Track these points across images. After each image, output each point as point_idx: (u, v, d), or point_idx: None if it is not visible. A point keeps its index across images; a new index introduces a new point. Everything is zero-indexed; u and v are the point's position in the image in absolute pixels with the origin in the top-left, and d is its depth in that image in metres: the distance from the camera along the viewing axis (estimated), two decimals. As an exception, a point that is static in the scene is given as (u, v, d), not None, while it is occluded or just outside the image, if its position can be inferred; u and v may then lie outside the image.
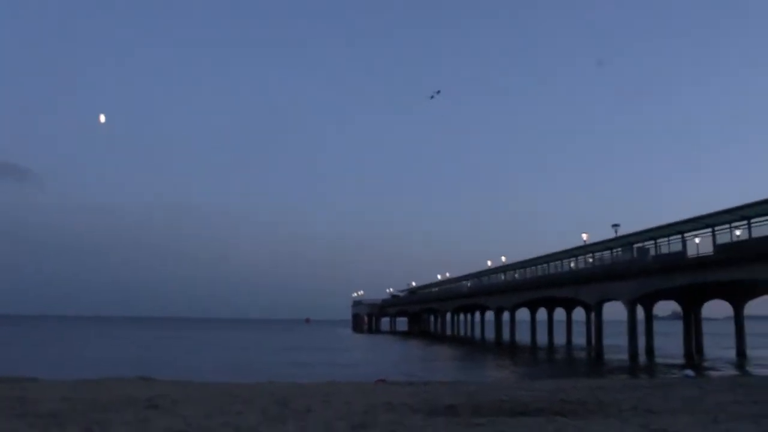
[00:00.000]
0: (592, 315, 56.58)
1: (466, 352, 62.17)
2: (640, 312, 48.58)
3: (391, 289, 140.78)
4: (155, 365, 34.51)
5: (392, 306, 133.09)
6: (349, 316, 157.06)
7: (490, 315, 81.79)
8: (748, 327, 50.52)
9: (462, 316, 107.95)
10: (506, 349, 63.42)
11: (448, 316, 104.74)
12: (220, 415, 11.16)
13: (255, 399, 14.32)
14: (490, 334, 80.00)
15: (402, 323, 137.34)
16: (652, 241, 45.34)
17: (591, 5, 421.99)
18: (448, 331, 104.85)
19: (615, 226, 48.46)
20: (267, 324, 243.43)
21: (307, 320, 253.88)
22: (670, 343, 57.25)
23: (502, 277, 74.81)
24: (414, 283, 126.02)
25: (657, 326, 54.05)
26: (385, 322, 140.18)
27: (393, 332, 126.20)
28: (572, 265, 56.96)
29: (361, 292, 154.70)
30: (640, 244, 47.00)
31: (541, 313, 75.60)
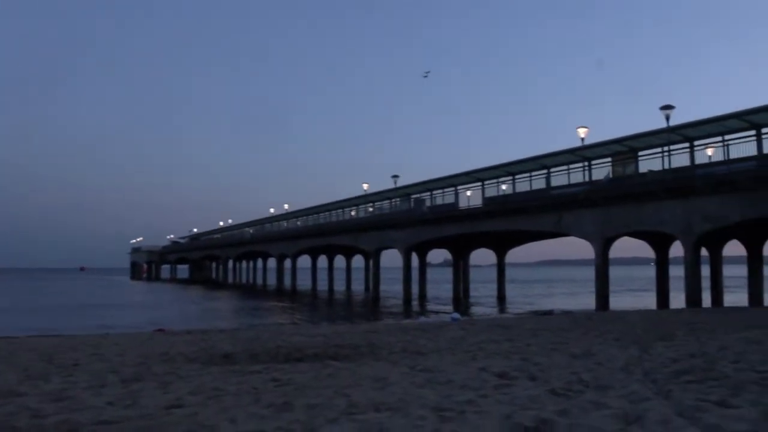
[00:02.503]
0: (371, 262, 58.80)
1: (248, 299, 62.21)
2: (415, 260, 51.31)
3: (172, 236, 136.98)
4: None
5: (173, 253, 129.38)
6: (128, 264, 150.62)
7: (272, 262, 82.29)
8: (507, 273, 55.19)
9: (244, 263, 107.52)
10: (287, 295, 64.25)
11: (231, 263, 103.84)
12: (-27, 373, 10.33)
13: (15, 355, 13.40)
14: (272, 281, 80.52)
15: (183, 271, 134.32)
16: (428, 193, 47.84)
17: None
18: (231, 279, 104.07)
19: (394, 177, 50.47)
20: (38, 273, 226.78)
21: (82, 268, 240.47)
22: (441, 289, 61.10)
23: (285, 225, 75.34)
24: (196, 230, 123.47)
25: (430, 273, 57.40)
26: (165, 269, 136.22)
27: (174, 280, 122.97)
28: (353, 213, 58.64)
29: (140, 239, 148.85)
30: (417, 195, 49.41)
31: (322, 261, 77.26)
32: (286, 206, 76.13)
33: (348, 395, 7.24)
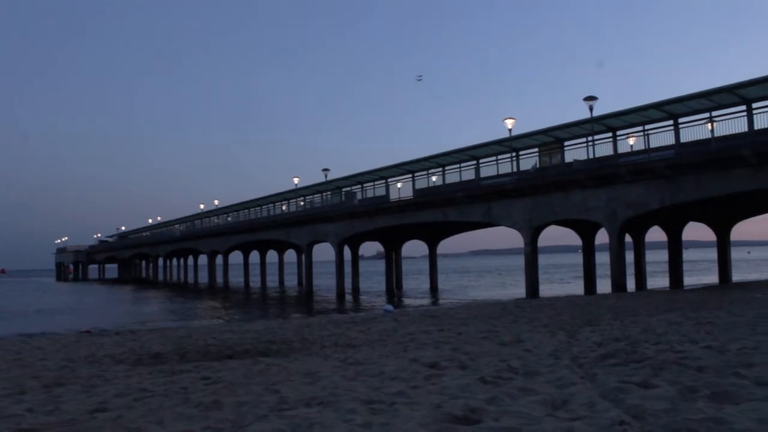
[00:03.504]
0: (303, 256, 58.52)
1: (179, 297, 61.10)
2: (348, 253, 51.27)
3: (99, 235, 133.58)
4: None
5: (101, 252, 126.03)
6: (53, 265, 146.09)
7: (204, 259, 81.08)
8: (440, 264, 55.76)
9: (175, 261, 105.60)
10: (220, 292, 63.45)
11: (161, 261, 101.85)
12: None
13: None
14: (204, 279, 79.42)
15: (112, 270, 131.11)
16: (359, 186, 47.84)
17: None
18: (161, 277, 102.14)
19: (325, 170, 50.30)
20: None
21: (3, 271, 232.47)
22: (374, 281, 61.28)
23: (216, 221, 74.33)
24: (124, 228, 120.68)
25: (363, 266, 57.49)
26: (93, 269, 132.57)
27: (102, 280, 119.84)
28: (284, 208, 58.23)
29: (65, 239, 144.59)
30: (348, 188, 49.36)
31: (255, 256, 76.53)
32: (216, 202, 75.19)
33: (278, 391, 7.19)
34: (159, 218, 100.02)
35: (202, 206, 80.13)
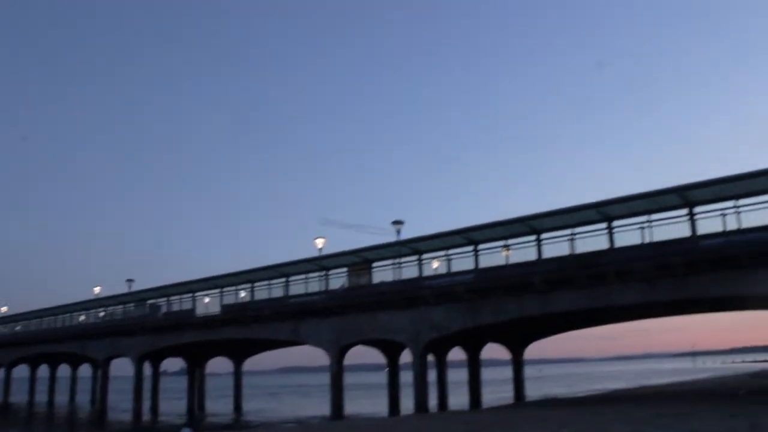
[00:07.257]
0: (99, 372, 54.67)
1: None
2: (149, 368, 48.56)
3: None
4: None
5: None
6: None
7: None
8: (247, 381, 54.06)
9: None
10: (-2, 411, 57.26)
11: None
12: None
13: None
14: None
15: None
16: (165, 299, 46.10)
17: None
18: None
19: (129, 281, 48.19)
20: None
21: None
22: (177, 400, 58.11)
23: (1, 329, 67.97)
24: None
25: (166, 382, 54.43)
26: None
27: None
28: (82, 318, 54.60)
29: None
30: (153, 301, 47.36)
31: (44, 370, 70.31)
32: (4, 309, 69.18)
33: None
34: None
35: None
